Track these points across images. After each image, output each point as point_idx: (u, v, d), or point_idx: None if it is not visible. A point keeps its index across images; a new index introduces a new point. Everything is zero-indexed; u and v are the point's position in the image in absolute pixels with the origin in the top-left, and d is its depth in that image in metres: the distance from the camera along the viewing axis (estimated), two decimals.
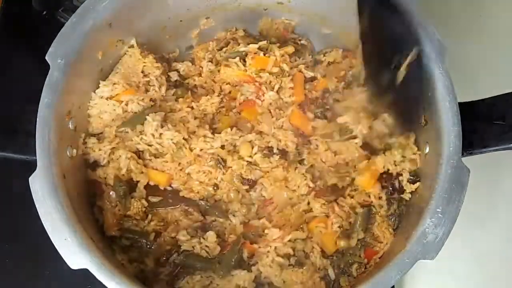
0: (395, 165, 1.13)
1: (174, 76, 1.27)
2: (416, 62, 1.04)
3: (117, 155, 1.11)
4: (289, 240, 1.10)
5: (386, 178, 1.15)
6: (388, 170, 1.14)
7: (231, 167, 1.14)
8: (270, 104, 1.22)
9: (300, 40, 1.33)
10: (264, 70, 1.21)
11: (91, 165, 1.13)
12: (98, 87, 1.15)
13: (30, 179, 0.96)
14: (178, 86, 1.26)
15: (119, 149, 1.12)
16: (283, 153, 1.18)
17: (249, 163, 1.15)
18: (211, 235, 1.10)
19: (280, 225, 1.12)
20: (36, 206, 0.95)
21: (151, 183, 1.15)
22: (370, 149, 1.16)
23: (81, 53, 1.06)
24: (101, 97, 1.14)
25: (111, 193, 1.10)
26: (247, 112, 1.21)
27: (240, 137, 1.17)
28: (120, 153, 1.11)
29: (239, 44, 1.27)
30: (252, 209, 1.15)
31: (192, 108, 1.21)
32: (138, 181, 1.13)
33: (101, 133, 1.15)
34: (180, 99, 1.22)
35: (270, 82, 1.22)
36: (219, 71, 1.25)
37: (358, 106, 1.15)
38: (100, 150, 1.11)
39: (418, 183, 1.11)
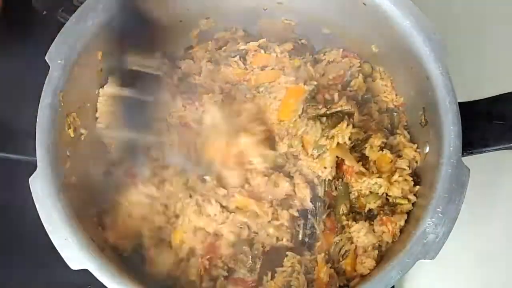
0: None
1: (177, 73, 1.28)
2: None
3: None
4: None
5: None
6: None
7: None
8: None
9: (300, 40, 1.33)
10: (267, 67, 1.21)
11: None
12: (106, 82, 1.15)
13: (30, 179, 0.96)
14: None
15: None
16: None
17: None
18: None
19: None
20: (36, 206, 0.95)
21: None
22: None
23: (81, 53, 1.06)
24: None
25: None
26: None
27: None
28: None
29: (238, 43, 1.27)
30: None
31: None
32: None
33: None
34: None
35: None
36: (219, 70, 1.25)
37: None
38: None
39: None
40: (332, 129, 1.11)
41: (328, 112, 1.13)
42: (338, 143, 1.10)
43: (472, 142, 1.04)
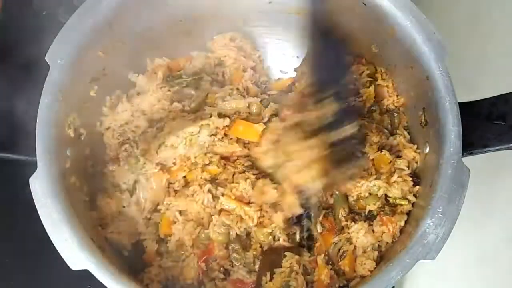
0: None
1: None
2: None
3: None
4: None
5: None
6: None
7: None
8: None
9: None
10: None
11: None
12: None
13: (30, 179, 0.96)
14: None
15: None
16: None
17: None
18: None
19: None
20: (36, 206, 0.95)
21: None
22: None
23: (81, 53, 1.06)
24: None
25: None
26: None
27: None
28: None
29: None
30: None
31: None
32: None
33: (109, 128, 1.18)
34: None
35: None
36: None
37: None
38: None
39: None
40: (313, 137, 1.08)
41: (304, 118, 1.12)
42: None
43: (472, 143, 1.04)
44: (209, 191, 1.12)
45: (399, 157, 1.15)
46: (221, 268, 1.12)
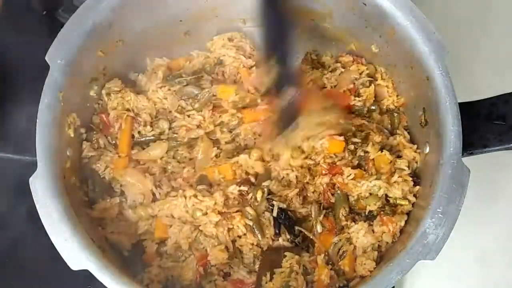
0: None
1: None
2: None
3: None
4: None
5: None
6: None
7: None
8: None
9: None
10: None
11: None
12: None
13: (30, 179, 0.96)
14: None
15: None
16: None
17: None
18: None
19: None
20: (36, 206, 0.95)
21: None
22: None
23: (81, 53, 1.06)
24: None
25: None
26: None
27: None
28: None
29: None
30: None
31: None
32: None
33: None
34: None
35: None
36: None
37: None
38: None
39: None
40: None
41: None
42: None
43: (472, 143, 1.04)
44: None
45: (399, 157, 1.16)
46: (221, 272, 1.12)
